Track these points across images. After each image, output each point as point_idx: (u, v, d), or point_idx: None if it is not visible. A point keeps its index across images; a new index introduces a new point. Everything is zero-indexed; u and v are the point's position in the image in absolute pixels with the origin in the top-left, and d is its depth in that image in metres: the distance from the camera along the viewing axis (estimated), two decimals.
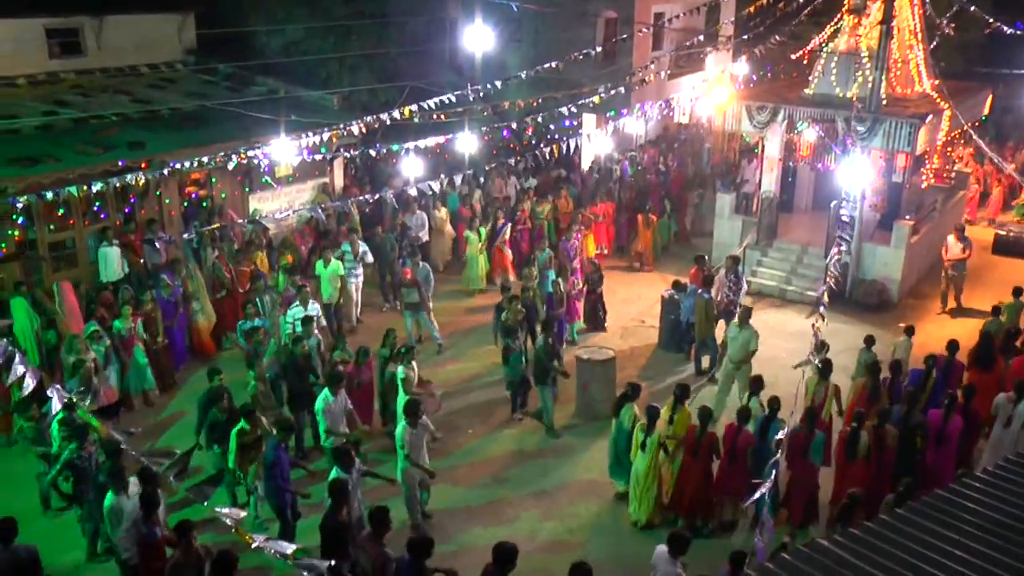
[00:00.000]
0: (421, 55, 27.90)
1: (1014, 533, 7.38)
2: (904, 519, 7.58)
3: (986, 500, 7.94)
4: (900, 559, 6.84)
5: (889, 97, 20.50)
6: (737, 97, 21.70)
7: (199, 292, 17.46)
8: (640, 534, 12.38)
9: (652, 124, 30.40)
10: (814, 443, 12.07)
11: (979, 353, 15.22)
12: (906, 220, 20.82)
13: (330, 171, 24.09)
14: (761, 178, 22.45)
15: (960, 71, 30.80)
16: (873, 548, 6.98)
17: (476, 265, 21.21)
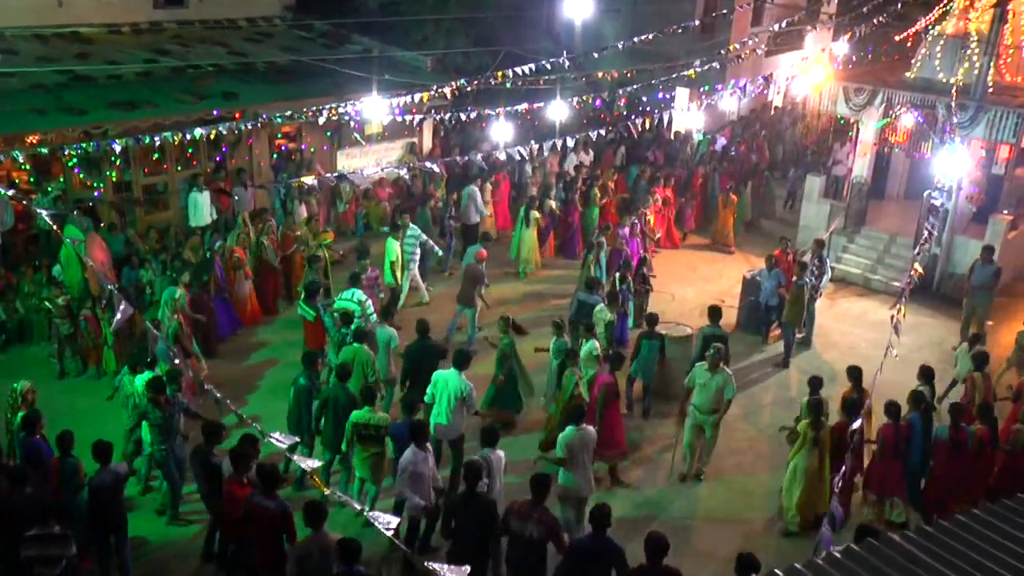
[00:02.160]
0: (518, 21, 27.78)
1: None
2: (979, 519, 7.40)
3: None
4: (972, 560, 6.69)
5: (996, 85, 19.76)
6: (835, 77, 21.19)
7: (242, 260, 17.04)
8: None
9: (746, 101, 29.93)
10: (969, 437, 11.67)
11: None
12: (1004, 215, 20.17)
13: (419, 132, 24.27)
14: (854, 162, 21.94)
15: None
16: (946, 547, 6.85)
17: (525, 247, 20.47)
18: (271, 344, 16.73)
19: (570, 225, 21.67)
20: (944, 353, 17.52)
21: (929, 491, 11.98)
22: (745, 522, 12.36)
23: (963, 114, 19.00)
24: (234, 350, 16.43)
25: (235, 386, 14.55)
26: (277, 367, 15.71)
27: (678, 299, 19.38)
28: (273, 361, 16.03)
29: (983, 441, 11.66)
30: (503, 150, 17.23)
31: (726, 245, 22.61)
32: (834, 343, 17.77)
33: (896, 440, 11.70)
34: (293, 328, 15.92)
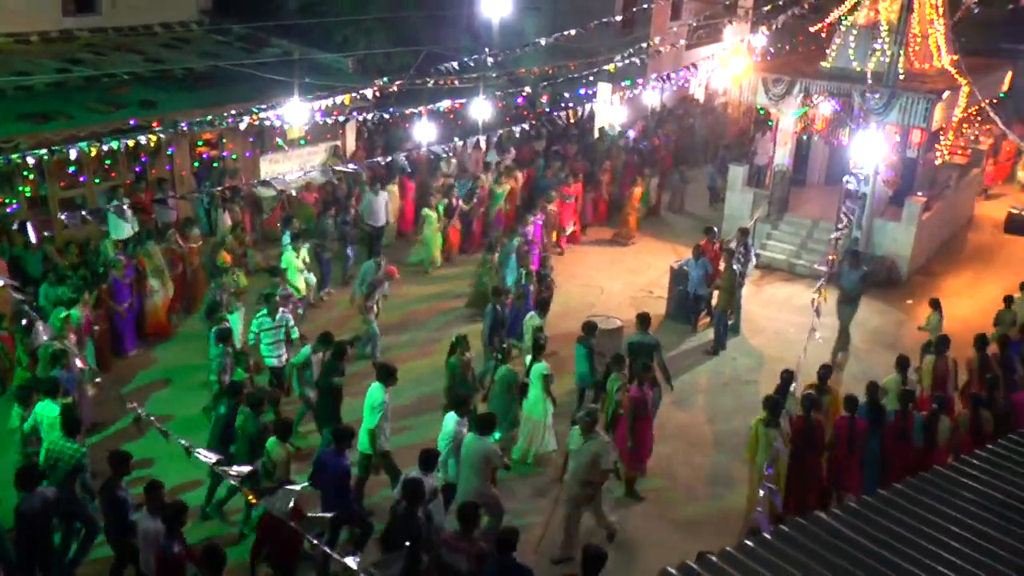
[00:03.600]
0: (438, 19, 27.72)
1: (1013, 512, 7.40)
2: (903, 495, 7.61)
3: (985, 478, 7.96)
4: (896, 533, 6.88)
5: (907, 72, 20.29)
6: (754, 69, 21.54)
7: (158, 271, 16.29)
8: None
9: (668, 95, 30.25)
10: (916, 424, 11.85)
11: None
12: (918, 196, 20.72)
13: (342, 134, 24.08)
14: (775, 151, 22.32)
15: (981, 47, 30.46)
16: (869, 522, 7.03)
17: (432, 245, 20.07)
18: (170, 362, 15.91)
19: (471, 222, 21.38)
20: (868, 332, 17.96)
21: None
22: (682, 514, 12.52)
23: (877, 101, 19.46)
24: (135, 366, 15.68)
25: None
26: (171, 388, 15.06)
27: (606, 292, 19.53)
28: (166, 381, 15.27)
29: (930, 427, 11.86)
30: (427, 149, 17.18)
31: (625, 238, 22.57)
32: (761, 329, 18.09)
33: (849, 433, 11.77)
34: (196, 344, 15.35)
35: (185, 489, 11.59)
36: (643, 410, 12.19)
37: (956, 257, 22.69)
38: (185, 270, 17.15)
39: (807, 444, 11.58)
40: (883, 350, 16.94)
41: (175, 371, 15.34)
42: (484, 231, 21.21)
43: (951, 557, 6.65)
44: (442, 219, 20.06)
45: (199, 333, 15.47)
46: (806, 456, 11.62)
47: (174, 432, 8.21)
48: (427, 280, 19.71)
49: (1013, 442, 8.77)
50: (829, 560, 6.49)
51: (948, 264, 22.03)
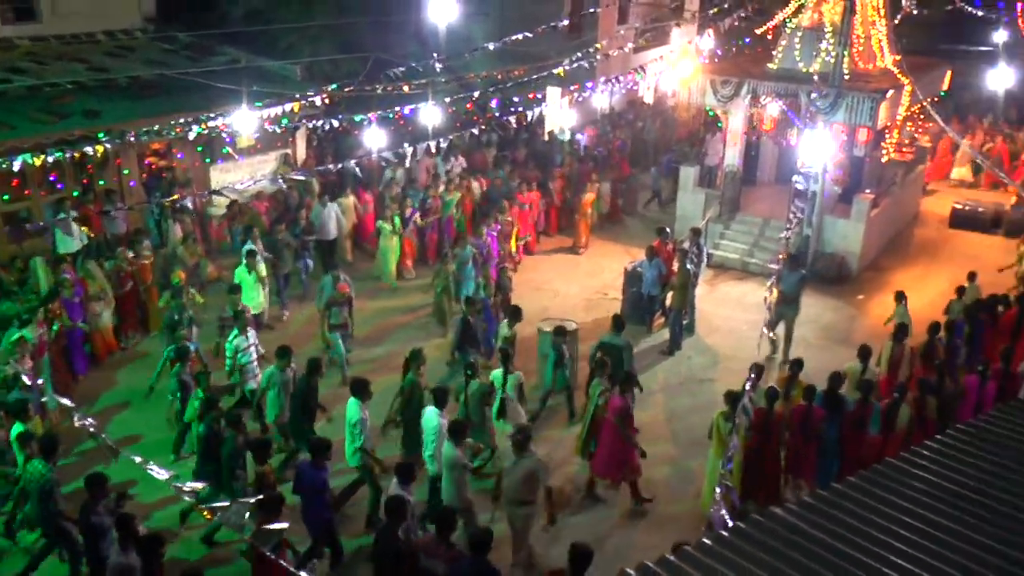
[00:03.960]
0: (385, 25, 27.64)
1: (964, 502, 7.51)
2: (857, 487, 7.69)
3: (936, 468, 8.08)
4: (851, 526, 6.96)
5: (851, 72, 20.60)
6: (702, 71, 21.73)
7: (101, 292, 15.77)
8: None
9: (617, 98, 30.41)
10: (873, 414, 12.09)
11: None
12: (866, 194, 21.04)
13: (292, 142, 23.91)
14: (725, 151, 22.54)
15: (921, 47, 31.04)
16: (826, 516, 7.10)
17: (389, 258, 19.85)
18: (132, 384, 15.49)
19: (426, 234, 21.02)
20: (820, 328, 18.19)
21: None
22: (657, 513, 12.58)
23: (823, 101, 19.73)
24: (96, 389, 15.29)
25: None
26: (134, 410, 14.69)
27: (561, 295, 19.58)
28: (127, 404, 14.92)
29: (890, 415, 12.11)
30: (377, 156, 17.09)
31: (577, 246, 22.40)
32: (716, 327, 18.23)
33: (804, 420, 11.96)
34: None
35: (168, 504, 11.56)
36: (630, 419, 12.20)
37: (904, 252, 23.09)
38: (137, 287, 16.75)
39: (767, 436, 11.80)
40: (836, 345, 17.19)
41: (137, 393, 14.93)
42: (440, 241, 20.91)
43: (905, 547, 6.73)
44: (397, 230, 19.76)
45: (159, 353, 15.01)
46: (766, 448, 11.82)
47: (145, 455, 8.09)
48: (392, 293, 19.53)
49: (962, 432, 8.90)
50: (787, 555, 6.54)
51: (897, 259, 22.40)
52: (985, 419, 9.34)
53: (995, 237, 24.01)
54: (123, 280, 16.40)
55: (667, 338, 17.38)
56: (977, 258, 21.02)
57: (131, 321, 16.79)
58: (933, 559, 6.60)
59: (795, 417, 12.04)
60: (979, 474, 7.96)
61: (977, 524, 7.11)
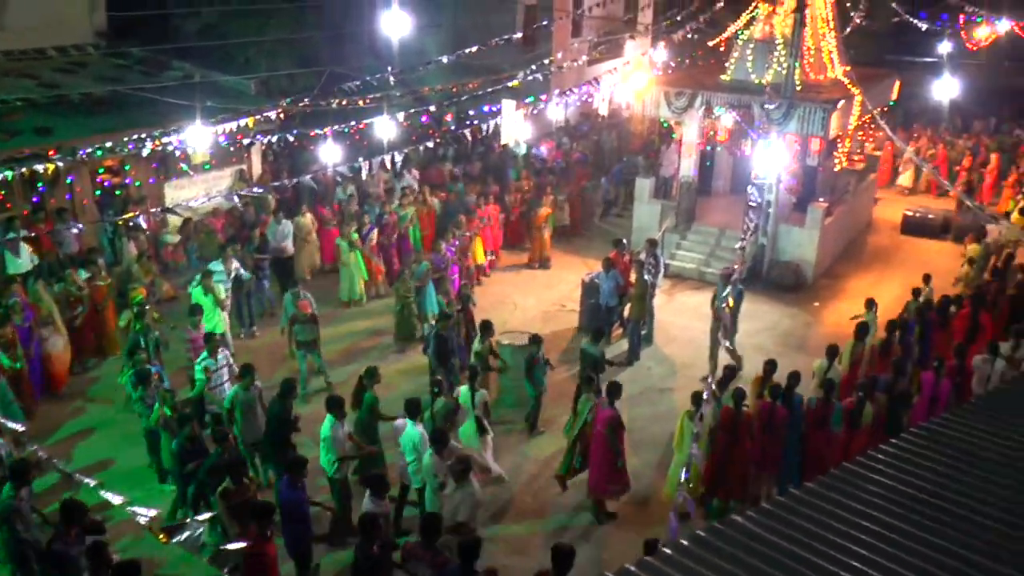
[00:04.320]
0: (340, 39, 27.63)
1: (921, 505, 7.60)
2: (815, 492, 7.76)
3: (893, 472, 8.17)
4: (809, 531, 7.01)
5: (803, 83, 20.90)
6: (655, 83, 21.91)
7: (48, 317, 15.25)
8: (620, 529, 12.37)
9: (572, 111, 30.55)
10: (834, 413, 12.35)
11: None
12: (820, 203, 21.32)
13: (248, 158, 23.74)
14: (680, 162, 22.73)
15: (870, 58, 31.62)
16: (784, 522, 7.14)
17: (354, 274, 19.49)
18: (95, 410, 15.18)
19: (387, 248, 20.59)
20: (777, 335, 18.39)
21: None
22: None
23: (776, 111, 19.98)
24: (60, 416, 14.86)
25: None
26: (101, 435, 14.37)
27: (520, 308, 19.61)
28: (92, 430, 14.54)
29: (847, 415, 12.41)
30: (333, 171, 17.00)
31: (536, 261, 22.30)
32: (674, 337, 18.34)
33: (768, 418, 12.22)
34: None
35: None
36: (621, 427, 12.30)
37: (858, 259, 23.45)
38: (93, 309, 16.27)
39: (735, 435, 12.07)
40: (793, 352, 17.36)
41: (101, 419, 14.65)
42: (400, 258, 20.65)
43: (863, 551, 6.79)
44: (355, 246, 19.38)
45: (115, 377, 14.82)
46: (734, 447, 12.08)
47: (118, 481, 7.93)
48: (355, 314, 19.23)
49: (917, 435, 9.01)
50: (745, 562, 6.57)
51: (851, 266, 22.74)
52: (939, 422, 9.45)
53: (945, 242, 24.48)
54: (73, 304, 15.92)
55: (626, 348, 17.45)
56: (928, 263, 21.37)
57: (86, 346, 16.32)
58: (891, 562, 6.67)
59: (760, 416, 12.28)
60: (936, 477, 8.05)
61: (935, 527, 7.19)
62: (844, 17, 23.91)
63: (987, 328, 15.81)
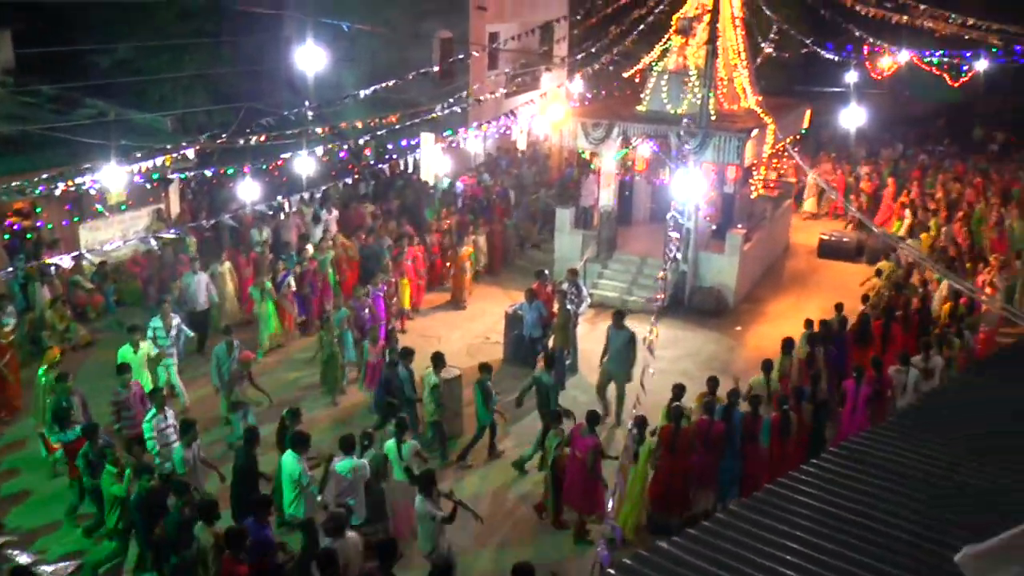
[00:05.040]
0: (257, 74, 27.44)
1: (846, 524, 7.74)
2: (740, 516, 7.86)
3: (818, 493, 8.31)
4: (736, 554, 7.09)
5: (718, 113, 21.33)
6: (573, 114, 22.16)
7: None
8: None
9: (491, 143, 30.73)
10: (764, 426, 12.74)
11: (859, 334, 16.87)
12: (738, 229, 21.72)
13: (165, 197, 23.33)
14: (599, 192, 22.97)
15: (781, 88, 32.55)
16: (711, 547, 7.22)
17: (268, 324, 18.50)
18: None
19: (308, 296, 19.65)
20: (701, 360, 18.62)
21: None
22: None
23: (692, 141, 20.34)
24: None
25: None
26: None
27: (444, 340, 19.47)
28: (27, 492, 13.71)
29: (776, 427, 12.83)
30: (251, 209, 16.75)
31: (459, 301, 21.66)
32: (597, 366, 18.37)
33: (706, 435, 12.54)
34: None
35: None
36: (602, 455, 12.41)
37: (777, 283, 23.95)
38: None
39: (675, 452, 12.37)
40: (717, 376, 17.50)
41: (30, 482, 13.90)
42: (321, 304, 19.59)
43: (789, 572, 6.89)
44: (269, 294, 18.40)
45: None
46: (675, 464, 12.37)
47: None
48: (277, 363, 18.27)
49: (841, 456, 9.19)
50: None
51: (770, 290, 23.20)
52: (859, 440, 9.67)
53: (859, 265, 25.12)
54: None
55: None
56: (844, 285, 21.91)
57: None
58: None
59: (698, 432, 12.59)
60: (860, 496, 8.21)
61: (860, 546, 7.32)
62: (755, 48, 24.53)
63: (898, 339, 16.65)
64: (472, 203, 26.21)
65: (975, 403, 11.00)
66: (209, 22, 27.79)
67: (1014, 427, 9.70)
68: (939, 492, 8.28)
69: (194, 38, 26.71)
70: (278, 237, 22.32)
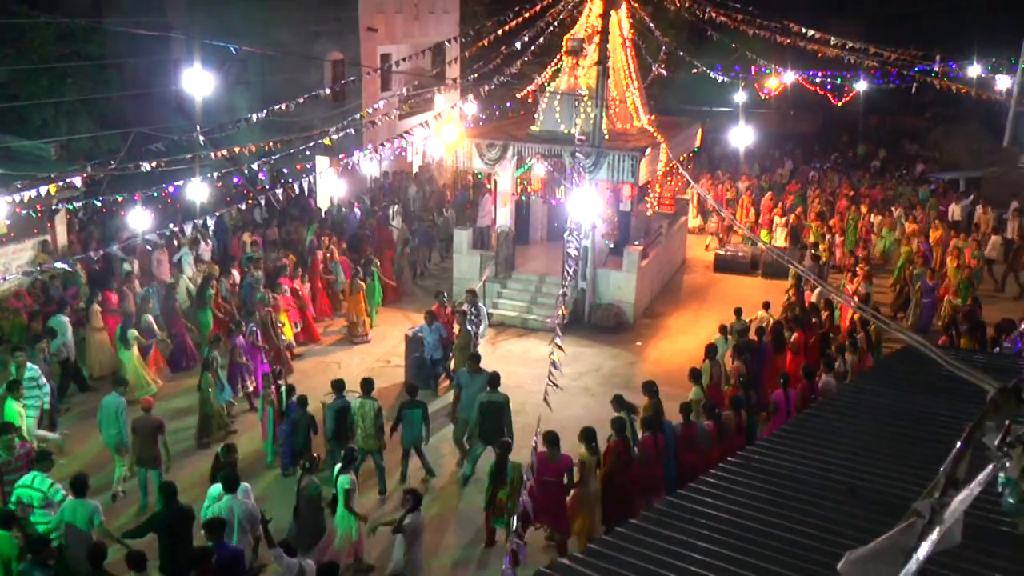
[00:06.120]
0: (146, 99, 26.76)
1: (742, 530, 7.85)
2: (642, 529, 7.90)
3: (716, 503, 8.41)
4: (639, 568, 7.12)
5: (611, 132, 21.66)
6: (467, 135, 22.23)
7: None
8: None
9: (387, 164, 30.59)
10: (700, 432, 13.04)
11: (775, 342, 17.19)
12: (635, 246, 22.03)
13: (51, 227, 22.49)
14: (496, 213, 23.05)
15: (671, 108, 33.31)
16: (613, 560, 7.23)
17: (134, 368, 17.09)
18: None
19: (176, 335, 18.87)
20: (602, 376, 18.79)
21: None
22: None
23: (586, 160, 20.58)
24: None
25: None
26: None
27: (344, 366, 19.23)
28: None
29: (710, 434, 13.15)
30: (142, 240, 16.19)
31: (358, 335, 20.71)
32: (502, 384, 18.35)
33: (654, 449, 12.71)
34: None
35: None
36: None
37: (676, 297, 24.38)
38: None
39: (622, 463, 12.38)
40: (618, 391, 17.51)
41: None
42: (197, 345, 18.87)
43: None
44: (127, 346, 17.03)
45: None
46: (621, 474, 12.36)
47: None
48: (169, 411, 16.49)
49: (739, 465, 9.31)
50: None
51: (669, 305, 23.61)
52: (756, 449, 9.82)
53: (755, 278, 25.77)
54: None
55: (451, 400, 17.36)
56: (741, 298, 22.38)
57: None
58: None
59: (642, 447, 12.77)
60: (759, 504, 8.33)
61: (760, 552, 7.41)
62: (645, 69, 25.00)
63: (812, 347, 17.35)
64: (360, 233, 25.32)
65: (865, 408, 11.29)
66: (91, 44, 26.96)
67: (901, 431, 9.99)
68: (832, 496, 8.46)
69: (74, 61, 25.93)
70: (147, 270, 21.09)
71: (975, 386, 4.60)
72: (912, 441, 9.58)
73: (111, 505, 13.31)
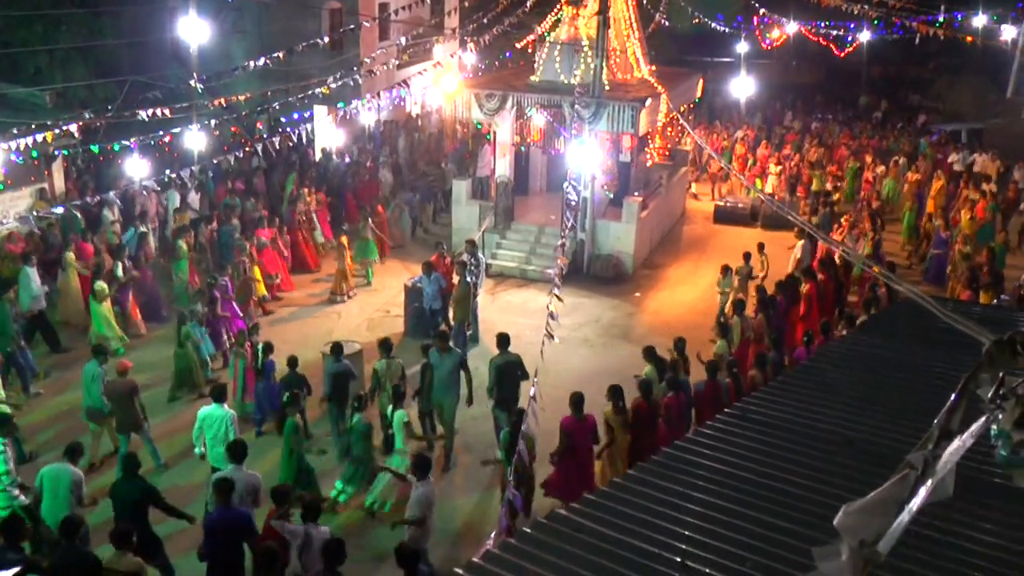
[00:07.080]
0: (141, 47, 26.47)
1: (739, 481, 7.90)
2: (639, 480, 7.95)
3: (712, 454, 8.46)
4: (635, 518, 7.16)
5: (611, 83, 21.47)
6: (466, 85, 22.06)
7: None
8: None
9: (385, 114, 30.38)
10: (723, 390, 12.72)
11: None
12: (635, 197, 21.95)
13: (48, 175, 22.40)
14: (495, 163, 22.97)
15: (672, 59, 33.01)
16: (611, 511, 7.28)
17: (106, 320, 16.49)
18: None
19: (147, 285, 18.34)
20: (601, 327, 18.83)
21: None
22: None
23: (586, 111, 20.44)
24: None
25: None
26: None
27: (344, 316, 19.29)
28: None
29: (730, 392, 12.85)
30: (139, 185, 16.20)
31: (339, 293, 20.14)
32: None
33: (677, 407, 12.55)
34: None
35: None
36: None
37: (675, 249, 24.38)
38: None
39: (646, 425, 12.17)
40: (617, 341, 17.91)
41: None
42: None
43: (688, 532, 6.99)
44: (99, 298, 16.42)
45: None
46: (645, 435, 12.12)
47: None
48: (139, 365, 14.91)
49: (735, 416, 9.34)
50: (573, 553, 6.66)
51: (668, 256, 23.59)
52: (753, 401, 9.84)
53: (754, 229, 25.72)
54: None
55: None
56: (741, 249, 22.30)
57: None
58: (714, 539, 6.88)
59: (666, 408, 12.54)
60: (755, 455, 8.36)
61: (756, 503, 7.46)
62: (646, 18, 24.75)
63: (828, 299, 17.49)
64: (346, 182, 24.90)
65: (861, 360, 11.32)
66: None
67: (896, 382, 10.02)
68: (827, 447, 8.51)
69: (68, 8, 25.61)
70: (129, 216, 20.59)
71: (973, 338, 4.60)
72: (908, 393, 9.61)
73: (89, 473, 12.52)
